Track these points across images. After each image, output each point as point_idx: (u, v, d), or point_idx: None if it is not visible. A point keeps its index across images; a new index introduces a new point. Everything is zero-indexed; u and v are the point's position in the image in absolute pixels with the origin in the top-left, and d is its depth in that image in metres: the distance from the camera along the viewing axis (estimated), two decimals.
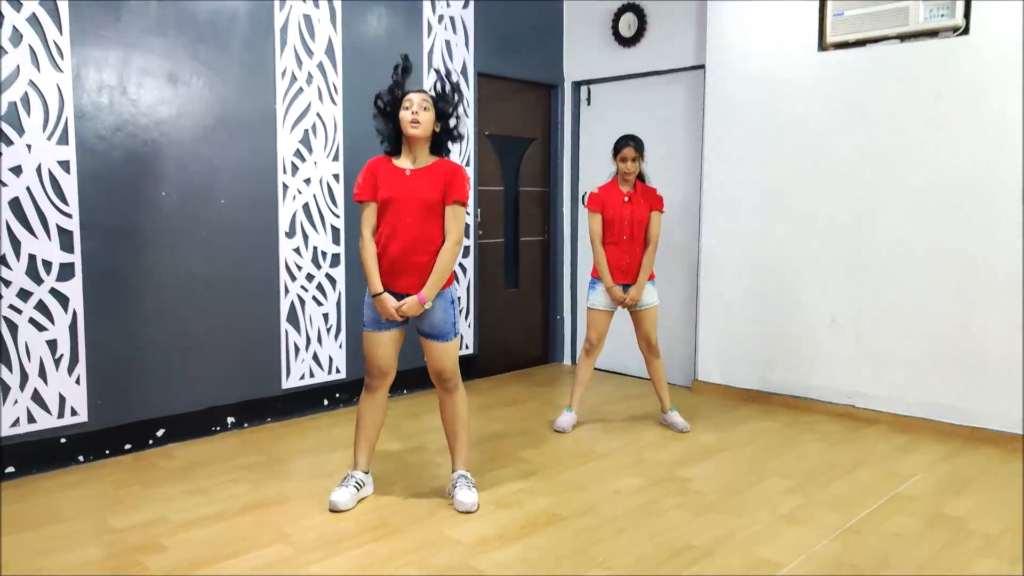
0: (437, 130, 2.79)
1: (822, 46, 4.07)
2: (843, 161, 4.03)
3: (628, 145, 3.69)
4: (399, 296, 2.76)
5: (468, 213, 4.67)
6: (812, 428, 3.84)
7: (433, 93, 2.80)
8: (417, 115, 2.69)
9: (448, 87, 2.80)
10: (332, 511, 2.76)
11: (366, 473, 2.91)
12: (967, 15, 3.61)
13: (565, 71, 5.25)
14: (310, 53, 3.93)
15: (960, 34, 3.64)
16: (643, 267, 3.76)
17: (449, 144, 2.87)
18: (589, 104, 5.27)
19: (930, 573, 2.32)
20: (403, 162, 2.79)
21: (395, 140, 2.81)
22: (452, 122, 2.82)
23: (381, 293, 2.74)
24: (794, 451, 3.49)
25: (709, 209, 4.53)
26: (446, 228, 2.77)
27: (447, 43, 4.55)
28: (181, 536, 2.53)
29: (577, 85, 5.27)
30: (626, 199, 3.73)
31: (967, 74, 3.64)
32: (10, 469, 3.07)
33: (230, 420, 3.73)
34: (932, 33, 3.72)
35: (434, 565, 2.35)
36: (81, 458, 3.26)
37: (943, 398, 3.75)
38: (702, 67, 4.56)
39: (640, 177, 3.80)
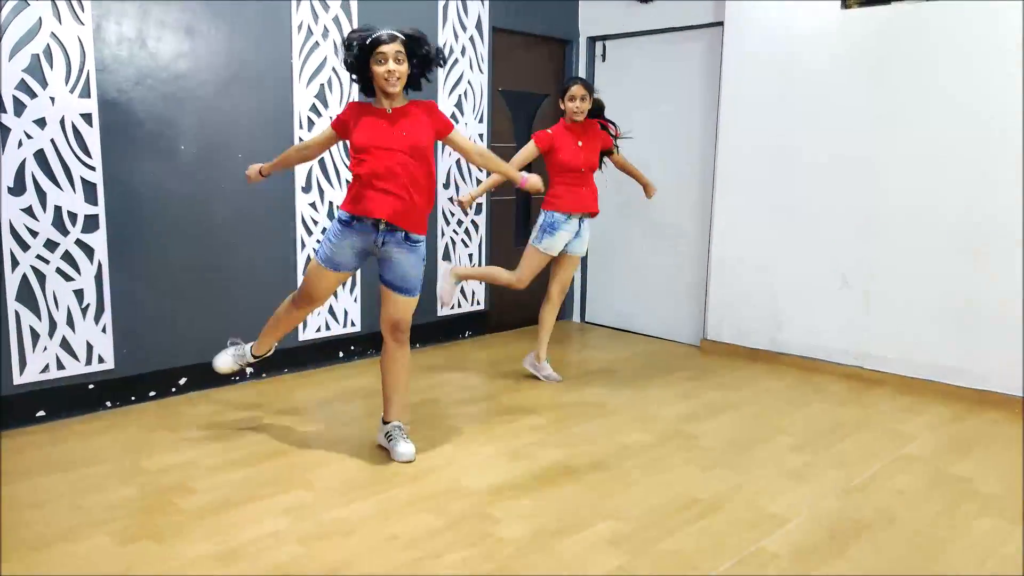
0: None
1: (846, 4, 4.02)
2: (859, 120, 4.00)
3: (577, 83, 3.72)
4: (377, 222, 2.67)
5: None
6: (820, 388, 3.90)
7: (403, 36, 2.64)
8: (392, 71, 2.60)
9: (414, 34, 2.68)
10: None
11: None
12: None
13: (580, 26, 5.17)
14: (326, 6, 3.89)
15: None
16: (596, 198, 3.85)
17: (427, 75, 2.76)
18: (604, 60, 5.21)
19: (931, 531, 2.40)
20: (381, 106, 2.71)
21: (368, 84, 2.72)
22: (425, 51, 2.68)
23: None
24: (801, 410, 3.56)
25: (723, 167, 4.52)
26: (465, 147, 2.84)
27: None
28: (209, 480, 2.63)
29: (592, 41, 5.21)
30: (579, 143, 3.74)
31: (986, 36, 3.60)
32: (41, 413, 3.19)
33: (249, 371, 3.82)
34: None
35: (452, 512, 2.45)
36: (108, 404, 3.37)
37: (950, 360, 3.79)
38: (720, 24, 4.50)
39: (596, 111, 3.82)
